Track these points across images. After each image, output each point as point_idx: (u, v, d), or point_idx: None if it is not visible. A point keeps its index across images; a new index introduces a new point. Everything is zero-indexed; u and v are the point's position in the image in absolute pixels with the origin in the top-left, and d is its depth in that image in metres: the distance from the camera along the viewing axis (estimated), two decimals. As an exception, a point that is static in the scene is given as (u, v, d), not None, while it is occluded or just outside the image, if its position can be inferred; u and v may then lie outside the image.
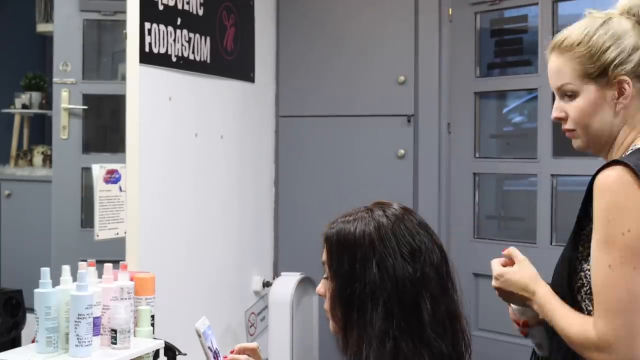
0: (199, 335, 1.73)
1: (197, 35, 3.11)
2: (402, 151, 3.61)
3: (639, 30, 1.59)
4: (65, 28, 3.24)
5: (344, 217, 1.48)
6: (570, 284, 1.56)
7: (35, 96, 3.69)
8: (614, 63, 1.57)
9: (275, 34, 3.86)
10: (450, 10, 3.57)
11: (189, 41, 3.05)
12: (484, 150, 3.62)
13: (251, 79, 3.60)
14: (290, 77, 3.84)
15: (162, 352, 2.27)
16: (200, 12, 3.13)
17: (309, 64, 3.82)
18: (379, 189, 3.54)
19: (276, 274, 3.72)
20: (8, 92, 3.62)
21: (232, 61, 3.41)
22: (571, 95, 1.61)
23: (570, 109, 1.62)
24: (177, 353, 2.41)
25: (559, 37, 1.63)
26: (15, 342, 2.35)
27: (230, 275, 3.47)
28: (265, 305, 3.65)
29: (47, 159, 3.57)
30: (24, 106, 3.69)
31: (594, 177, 1.50)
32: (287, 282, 3.50)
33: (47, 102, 3.57)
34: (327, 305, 1.49)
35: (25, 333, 2.41)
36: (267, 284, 3.66)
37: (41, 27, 3.61)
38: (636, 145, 1.57)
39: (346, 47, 3.75)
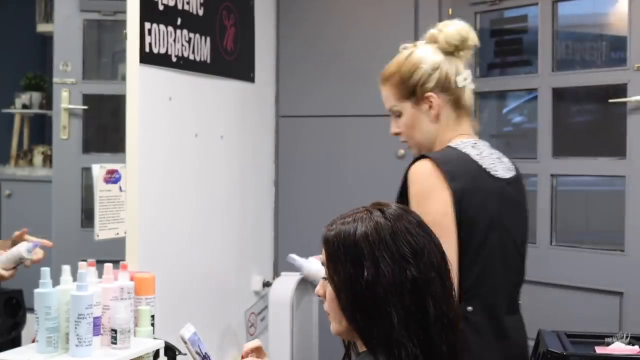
0: (185, 342, 1.73)
1: (197, 35, 3.11)
2: (402, 151, 3.61)
3: (439, 53, 2.01)
4: (65, 28, 3.24)
5: (343, 218, 1.47)
6: None
7: (36, 96, 3.69)
8: (419, 83, 2.01)
9: (275, 34, 3.86)
10: (450, 10, 3.57)
11: (189, 41, 3.05)
12: (484, 150, 3.61)
13: (251, 79, 3.60)
14: (290, 77, 3.84)
15: (162, 352, 2.27)
16: (200, 12, 3.13)
17: (309, 64, 3.81)
18: (379, 189, 3.50)
19: (276, 274, 3.72)
20: (8, 92, 3.61)
21: (232, 61, 3.41)
22: (399, 115, 2.06)
23: (400, 125, 2.07)
24: (177, 353, 2.41)
25: (383, 71, 2.07)
26: (15, 342, 2.35)
27: (230, 275, 3.47)
28: (265, 305, 3.65)
29: (47, 159, 3.57)
30: (24, 106, 3.68)
31: (408, 167, 1.95)
32: (287, 282, 3.49)
33: (47, 102, 3.57)
34: (327, 307, 1.48)
35: (25, 333, 2.41)
36: (267, 284, 3.66)
37: (41, 27, 3.60)
38: (450, 144, 2.00)
39: (346, 47, 3.75)
